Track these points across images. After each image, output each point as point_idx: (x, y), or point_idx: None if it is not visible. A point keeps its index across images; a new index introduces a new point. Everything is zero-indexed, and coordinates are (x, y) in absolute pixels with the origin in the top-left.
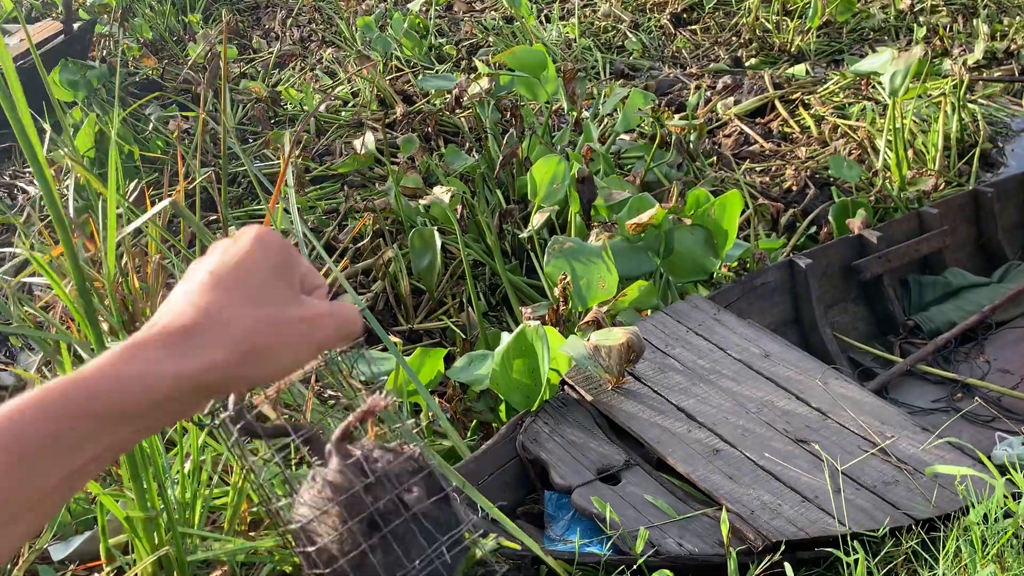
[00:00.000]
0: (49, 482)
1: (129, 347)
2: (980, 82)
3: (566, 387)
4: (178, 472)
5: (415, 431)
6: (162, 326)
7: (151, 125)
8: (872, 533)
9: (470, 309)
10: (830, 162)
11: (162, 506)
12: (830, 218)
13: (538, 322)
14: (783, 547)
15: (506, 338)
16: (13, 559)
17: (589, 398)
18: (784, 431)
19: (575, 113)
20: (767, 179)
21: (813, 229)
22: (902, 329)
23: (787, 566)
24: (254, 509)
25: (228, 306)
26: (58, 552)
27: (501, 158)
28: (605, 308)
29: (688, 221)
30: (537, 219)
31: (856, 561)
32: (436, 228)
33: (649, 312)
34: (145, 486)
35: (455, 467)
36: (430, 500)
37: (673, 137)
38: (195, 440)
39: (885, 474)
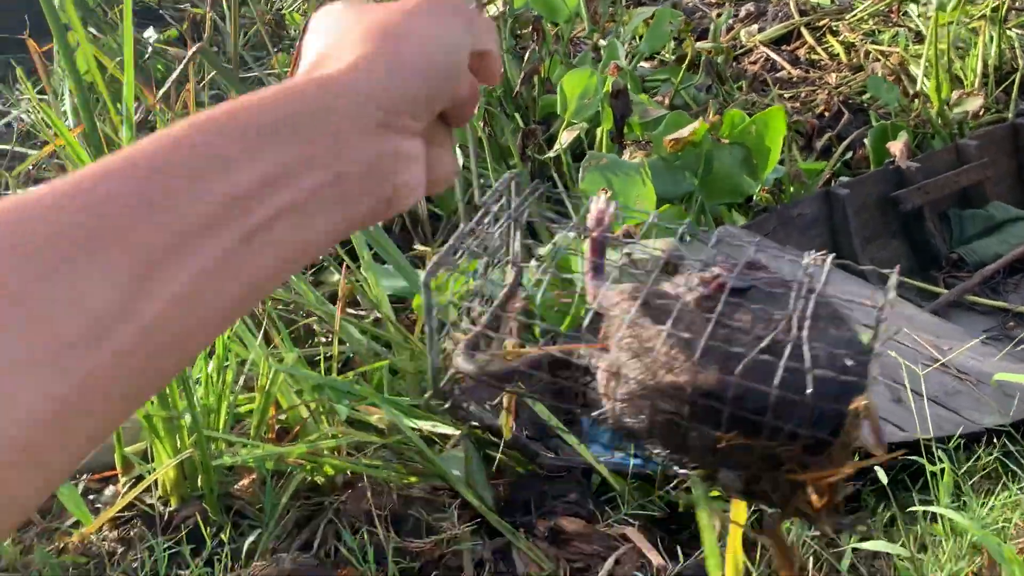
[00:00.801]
0: (210, 200)
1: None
2: (1013, 11)
3: None
4: (201, 372)
5: None
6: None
7: (151, 49)
8: (939, 442)
9: None
10: (868, 84)
11: (185, 406)
12: (866, 142)
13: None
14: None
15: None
16: None
17: None
18: None
19: (596, 34)
20: (798, 104)
21: (849, 155)
22: (945, 263)
23: (879, 470)
24: (282, 416)
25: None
26: None
27: (523, 75)
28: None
29: (726, 141)
30: (566, 137)
31: (942, 471)
32: (457, 146)
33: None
34: (166, 388)
35: None
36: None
37: (702, 58)
38: (220, 337)
39: (946, 385)
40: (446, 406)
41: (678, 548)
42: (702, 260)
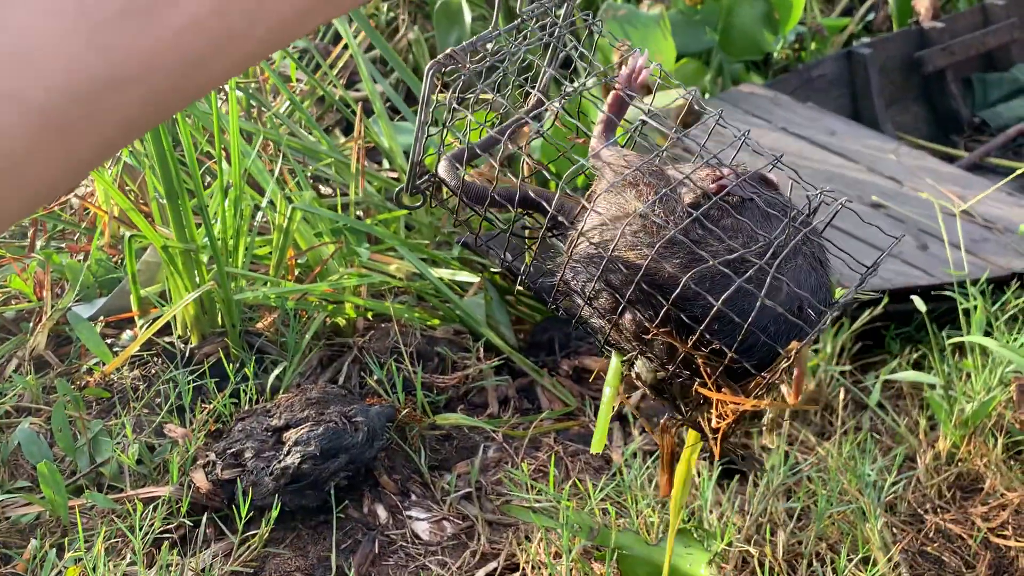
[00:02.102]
0: None
1: None
2: None
3: None
4: (218, 207)
5: None
6: None
7: None
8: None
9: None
10: None
11: (204, 242)
12: (890, 1)
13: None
14: (885, 299)
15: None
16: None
17: None
18: (857, 198)
19: None
20: None
21: (871, 15)
22: (967, 128)
23: (917, 300)
24: (301, 260)
25: None
26: (84, 312)
27: None
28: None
29: None
30: None
31: (975, 308)
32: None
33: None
34: (184, 220)
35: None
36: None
37: None
38: (237, 171)
39: (973, 233)
40: (416, 205)
41: None
42: (714, 155)
